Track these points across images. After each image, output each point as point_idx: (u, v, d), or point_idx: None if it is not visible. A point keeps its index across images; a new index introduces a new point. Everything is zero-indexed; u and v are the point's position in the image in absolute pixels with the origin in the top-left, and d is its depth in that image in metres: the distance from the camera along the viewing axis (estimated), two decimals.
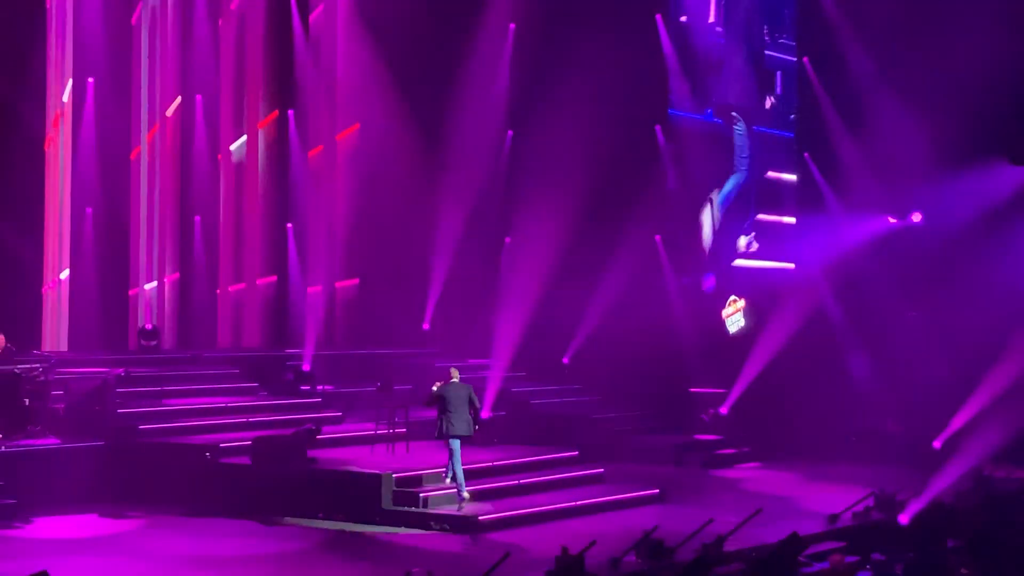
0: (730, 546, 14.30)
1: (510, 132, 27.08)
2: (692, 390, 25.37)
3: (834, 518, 17.03)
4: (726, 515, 15.61)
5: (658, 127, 26.17)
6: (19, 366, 19.21)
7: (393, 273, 26.95)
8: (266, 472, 17.85)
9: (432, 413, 17.97)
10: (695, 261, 26.30)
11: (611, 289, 25.23)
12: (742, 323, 25.90)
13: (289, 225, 28.03)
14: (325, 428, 19.58)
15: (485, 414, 22.11)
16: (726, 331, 26.04)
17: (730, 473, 22.60)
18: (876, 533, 16.25)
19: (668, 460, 22.92)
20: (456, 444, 17.48)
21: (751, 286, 26.25)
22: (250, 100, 27.94)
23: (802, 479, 21.82)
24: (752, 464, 23.53)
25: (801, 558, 13.21)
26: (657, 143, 26.23)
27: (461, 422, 17.53)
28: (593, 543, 12.77)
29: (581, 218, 24.55)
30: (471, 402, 17.71)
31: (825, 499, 18.67)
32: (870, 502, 17.39)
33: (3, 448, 17.97)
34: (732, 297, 26.09)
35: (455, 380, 17.79)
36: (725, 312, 26.05)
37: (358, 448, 19.72)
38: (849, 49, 25.45)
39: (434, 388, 17.86)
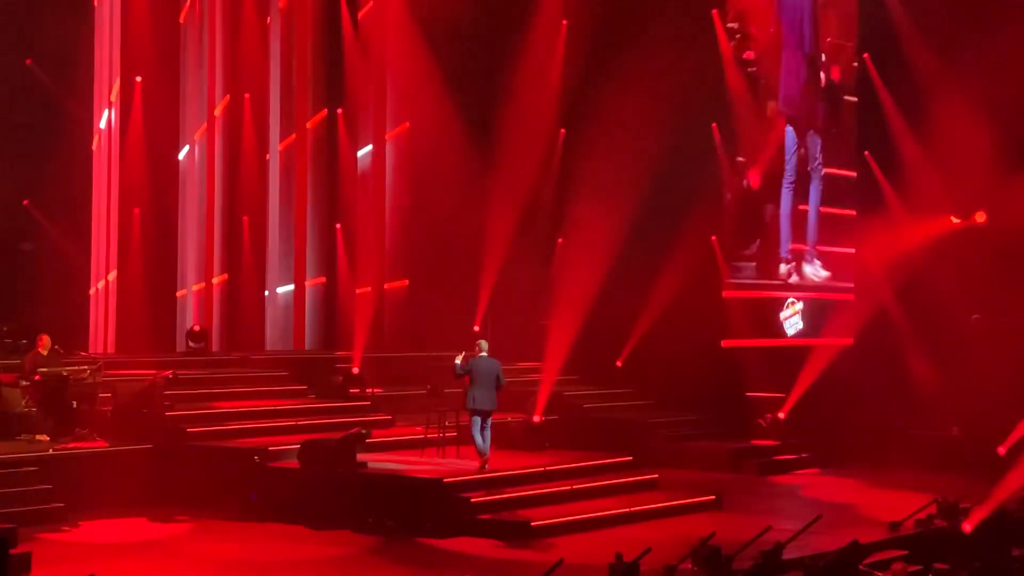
0: (789, 554, 13.93)
1: (562, 131, 26.77)
2: (749, 394, 24.98)
3: (896, 526, 16.67)
4: (785, 522, 15.40)
5: (714, 125, 25.80)
6: (67, 368, 19.18)
7: (443, 274, 26.74)
8: (314, 476, 17.62)
9: (492, 415, 17.84)
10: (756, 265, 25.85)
11: (666, 291, 24.89)
12: (800, 325, 25.47)
13: (338, 225, 27.92)
14: (374, 431, 19.36)
15: (537, 418, 21.93)
16: (784, 334, 25.62)
17: (788, 479, 22.29)
18: (939, 541, 15.92)
19: (725, 466, 22.60)
20: (478, 419, 17.56)
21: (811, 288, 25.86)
22: (299, 99, 27.84)
23: (863, 485, 21.49)
24: (811, 470, 23.19)
25: (862, 567, 12.91)
26: (714, 141, 25.86)
27: (486, 398, 17.68)
28: (648, 550, 12.47)
29: (635, 218, 24.23)
30: (498, 378, 17.73)
31: (886, 506, 18.30)
32: (933, 509, 17.04)
33: (51, 451, 17.94)
34: (790, 299, 25.67)
35: (484, 353, 17.85)
36: (783, 314, 25.63)
37: (408, 452, 19.53)
38: (910, 45, 25.00)
39: (457, 361, 17.90)
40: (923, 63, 24.86)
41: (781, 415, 24.33)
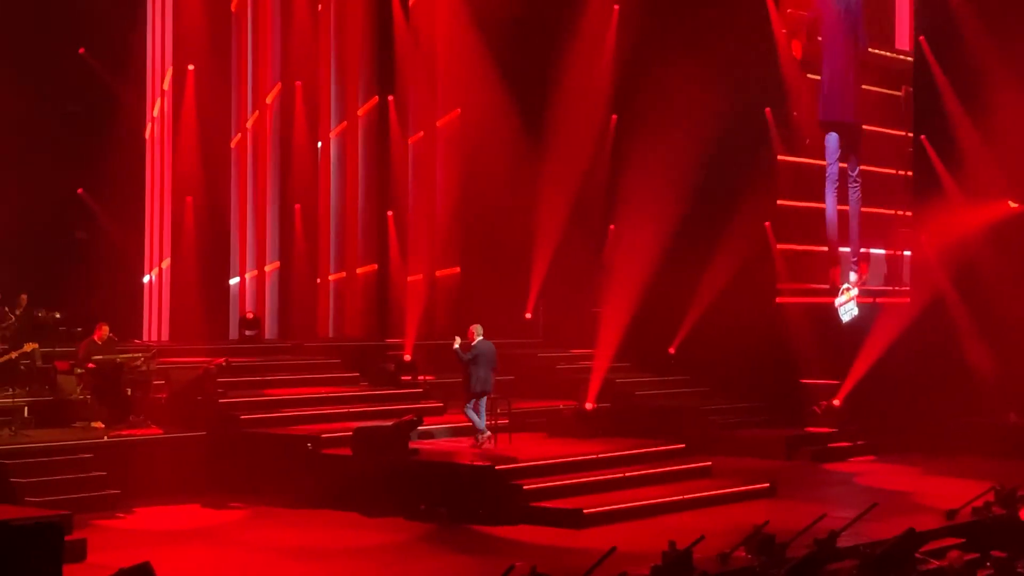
0: (844, 542, 13.80)
1: (614, 116, 26.60)
2: (803, 381, 24.74)
3: (952, 513, 16.41)
4: (839, 510, 15.25)
5: (768, 110, 25.56)
6: (121, 356, 19.30)
7: (495, 261, 26.67)
8: (367, 463, 17.62)
9: (540, 403, 17.88)
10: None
11: (719, 277, 24.70)
12: (855, 311, 25.21)
13: (389, 213, 27.94)
14: (426, 419, 19.33)
15: (589, 405, 21.89)
16: (839, 320, 25.37)
17: (843, 467, 22.06)
18: (996, 529, 15.66)
19: (779, 453, 22.40)
20: (482, 401, 18.39)
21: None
22: (350, 86, 27.90)
23: (919, 473, 21.22)
24: (866, 457, 22.94)
25: (918, 555, 12.76)
26: (767, 126, 25.61)
27: (490, 380, 18.50)
28: (701, 538, 12.36)
29: (688, 204, 24.05)
30: (494, 360, 18.55)
31: (943, 494, 18.04)
32: (990, 497, 16.74)
33: (106, 438, 18.06)
34: (845, 285, 25.41)
35: (481, 337, 18.46)
36: (838, 300, 25.37)
37: (460, 439, 19.47)
38: (968, 30, 24.63)
39: (456, 347, 18.60)
40: (980, 46, 24.48)
41: (836, 402, 24.07)
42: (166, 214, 26.13)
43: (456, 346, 18.62)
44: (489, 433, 18.69)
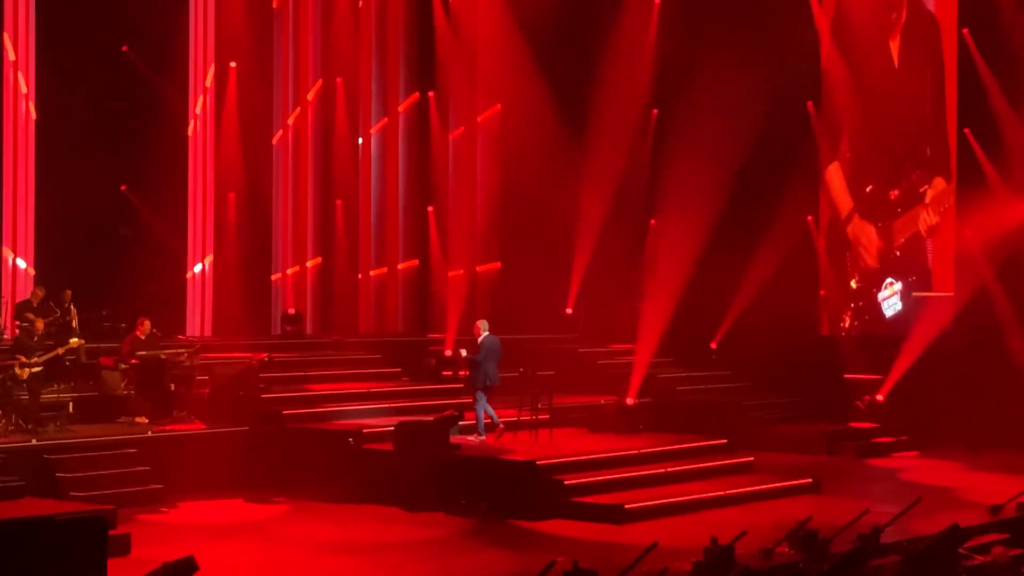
0: (887, 538, 13.68)
1: (655, 111, 26.52)
2: (846, 376, 24.59)
3: (997, 509, 16.23)
4: (883, 505, 15.09)
5: (810, 103, 25.41)
6: (164, 351, 19.41)
7: (535, 256, 26.66)
8: (409, 458, 17.65)
9: (581, 398, 17.84)
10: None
11: (761, 272, 24.59)
12: (899, 306, 25.03)
13: (430, 208, 27.97)
14: (467, 414, 19.32)
15: (630, 401, 21.86)
16: (882, 314, 25.20)
17: (887, 462, 21.91)
18: None
19: (821, 448, 22.30)
20: (484, 394, 18.66)
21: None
22: (391, 82, 27.92)
23: (963, 468, 21.08)
24: (910, 452, 22.77)
25: (962, 550, 12.62)
26: (809, 119, 25.46)
27: (497, 374, 18.68)
28: (743, 533, 12.28)
29: (729, 198, 23.95)
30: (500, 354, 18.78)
31: (987, 489, 17.88)
32: None
33: (149, 433, 18.17)
34: (888, 279, 25.25)
35: (487, 332, 18.66)
36: (881, 295, 25.21)
37: (496, 435, 19.41)
38: (1012, 23, 24.37)
39: (463, 352, 19.06)
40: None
41: (879, 397, 23.92)
42: (209, 211, 26.24)
43: (464, 354, 18.78)
44: (484, 436, 18.76)
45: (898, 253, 25.11)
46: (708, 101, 23.17)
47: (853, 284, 25.48)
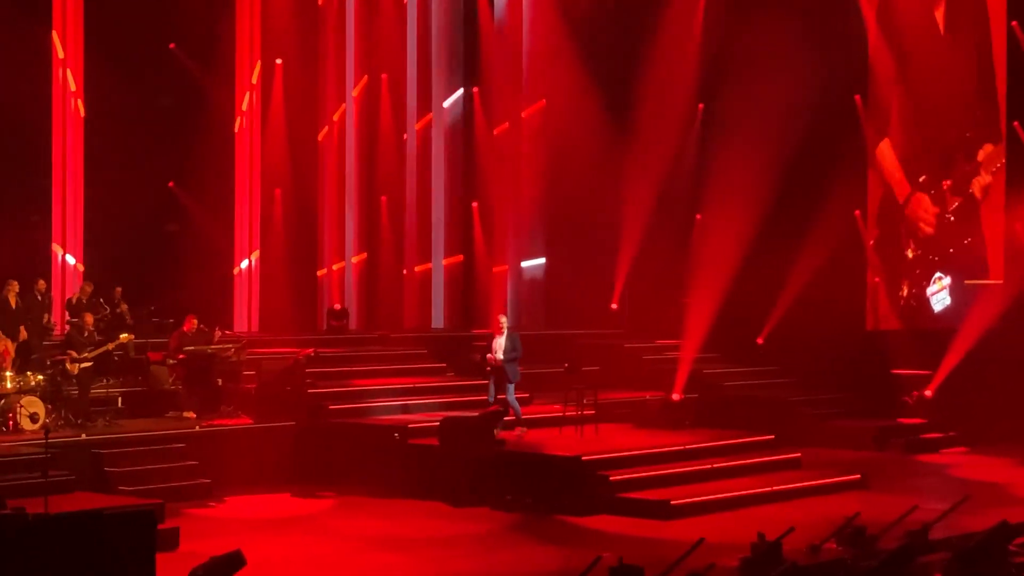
0: (936, 534, 13.55)
1: (701, 105, 26.38)
2: (894, 371, 24.37)
3: None
4: (931, 502, 14.92)
5: (857, 97, 25.20)
6: (212, 347, 19.52)
7: (580, 252, 26.61)
8: (454, 453, 17.66)
9: (626, 394, 17.78)
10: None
11: (808, 267, 24.38)
12: (948, 301, 24.80)
13: (475, 204, 27.98)
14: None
15: (676, 396, 21.82)
16: (931, 309, 24.97)
17: (935, 458, 21.70)
18: None
19: (869, 444, 22.09)
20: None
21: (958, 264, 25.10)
22: (435, 78, 27.93)
23: (1012, 464, 20.80)
24: (959, 448, 22.53)
25: (1011, 547, 12.47)
26: (857, 113, 25.26)
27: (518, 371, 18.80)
28: (791, 529, 12.19)
29: (776, 193, 23.72)
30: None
31: None
32: None
33: (197, 428, 18.29)
34: (937, 274, 25.01)
35: (507, 328, 18.77)
36: (930, 290, 24.99)
37: (546, 430, 19.43)
38: None
39: (498, 355, 18.65)
40: None
41: (928, 393, 23.69)
42: (255, 207, 26.38)
43: (502, 358, 18.59)
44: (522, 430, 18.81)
45: (951, 218, 24.77)
46: (754, 95, 23.02)
47: (909, 254, 25.19)
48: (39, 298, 19.80)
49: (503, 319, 19.18)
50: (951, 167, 24.93)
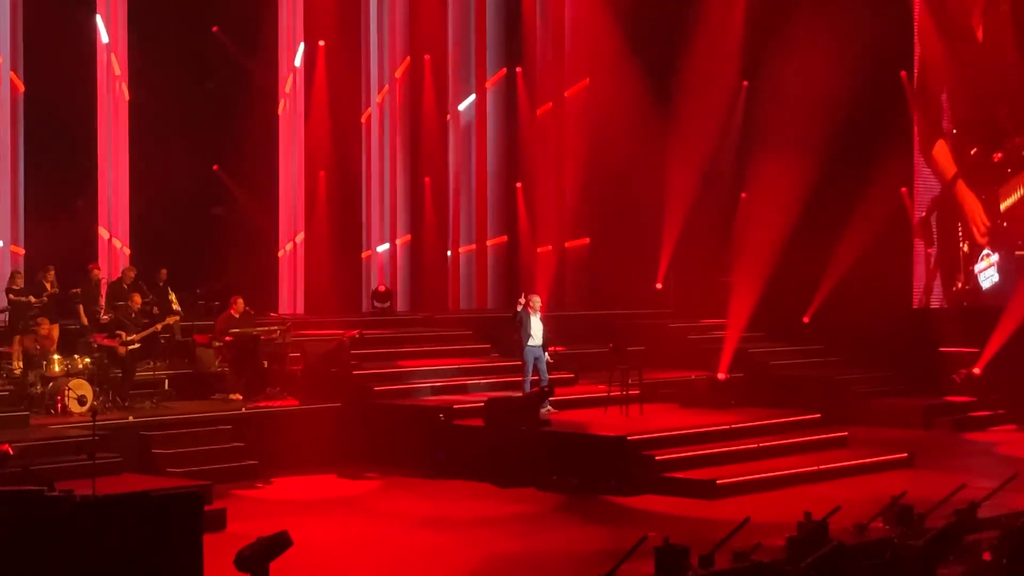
0: (984, 513, 13.45)
1: (745, 83, 26.20)
2: (942, 349, 24.17)
3: None
4: (980, 480, 14.75)
5: (903, 73, 24.96)
6: (258, 329, 19.62)
7: (625, 231, 26.53)
8: (499, 434, 17.68)
9: (671, 373, 17.69)
10: None
11: (854, 245, 24.20)
12: (996, 278, 24.56)
13: (518, 184, 27.94)
14: (557, 390, 19.31)
15: (722, 376, 21.73)
16: (978, 287, 24.75)
17: (984, 436, 21.50)
18: None
19: (917, 423, 21.94)
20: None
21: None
22: (478, 59, 27.89)
23: None
24: (1007, 427, 22.30)
25: None
26: (903, 90, 25.02)
27: None
28: (837, 508, 12.11)
29: (821, 171, 23.55)
30: None
31: None
32: None
33: (244, 409, 18.38)
34: (985, 251, 24.78)
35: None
36: (977, 267, 24.75)
37: (591, 410, 19.43)
38: None
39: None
40: None
41: (976, 370, 23.47)
42: (299, 189, 26.46)
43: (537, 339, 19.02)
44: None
45: (1004, 224, 24.54)
46: (799, 72, 22.84)
47: (964, 248, 24.96)
48: (95, 283, 20.02)
49: (535, 299, 19.16)
50: (1001, 140, 24.65)
